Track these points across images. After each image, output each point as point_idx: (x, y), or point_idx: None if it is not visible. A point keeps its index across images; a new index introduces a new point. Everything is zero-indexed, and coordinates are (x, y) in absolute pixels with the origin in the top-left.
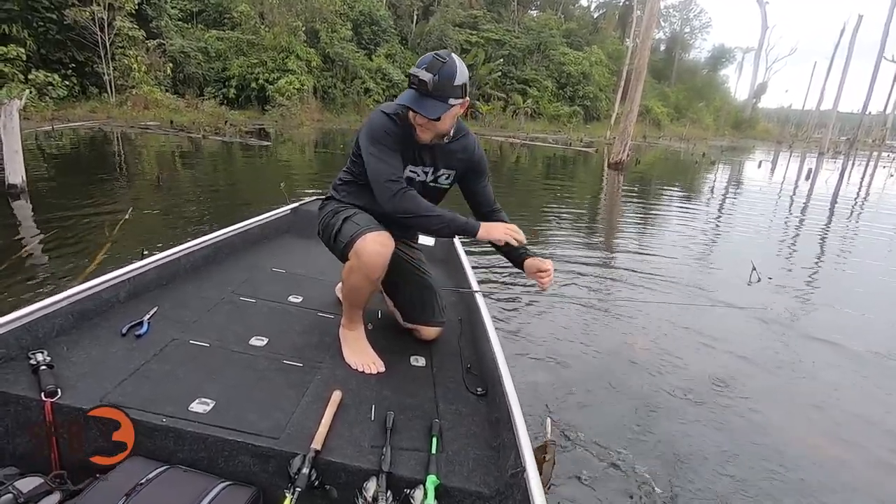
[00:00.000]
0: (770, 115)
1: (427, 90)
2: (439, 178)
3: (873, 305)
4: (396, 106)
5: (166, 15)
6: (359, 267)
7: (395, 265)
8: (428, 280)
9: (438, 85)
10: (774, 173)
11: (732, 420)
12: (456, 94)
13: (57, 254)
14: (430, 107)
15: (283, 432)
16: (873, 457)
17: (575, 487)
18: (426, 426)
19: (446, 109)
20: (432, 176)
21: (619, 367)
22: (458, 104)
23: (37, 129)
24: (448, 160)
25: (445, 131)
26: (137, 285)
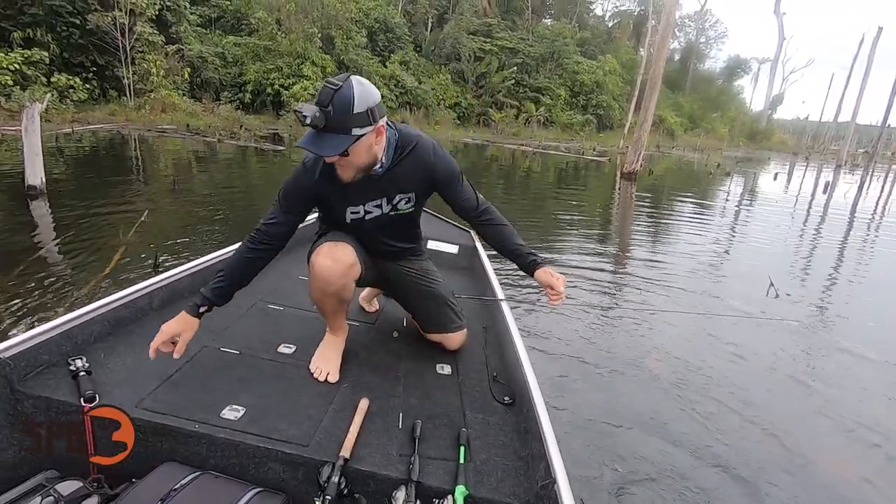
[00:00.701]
0: (786, 126)
1: (320, 126)
2: (398, 205)
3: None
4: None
5: (186, 21)
6: (312, 280)
7: (399, 280)
8: (436, 289)
9: (334, 117)
10: (790, 185)
11: (752, 436)
12: (360, 123)
13: (73, 255)
14: (327, 144)
15: (312, 440)
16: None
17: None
18: (454, 435)
19: (350, 142)
20: (388, 206)
21: (640, 378)
22: (368, 132)
23: (57, 131)
24: (399, 184)
25: (366, 163)
26: (171, 293)
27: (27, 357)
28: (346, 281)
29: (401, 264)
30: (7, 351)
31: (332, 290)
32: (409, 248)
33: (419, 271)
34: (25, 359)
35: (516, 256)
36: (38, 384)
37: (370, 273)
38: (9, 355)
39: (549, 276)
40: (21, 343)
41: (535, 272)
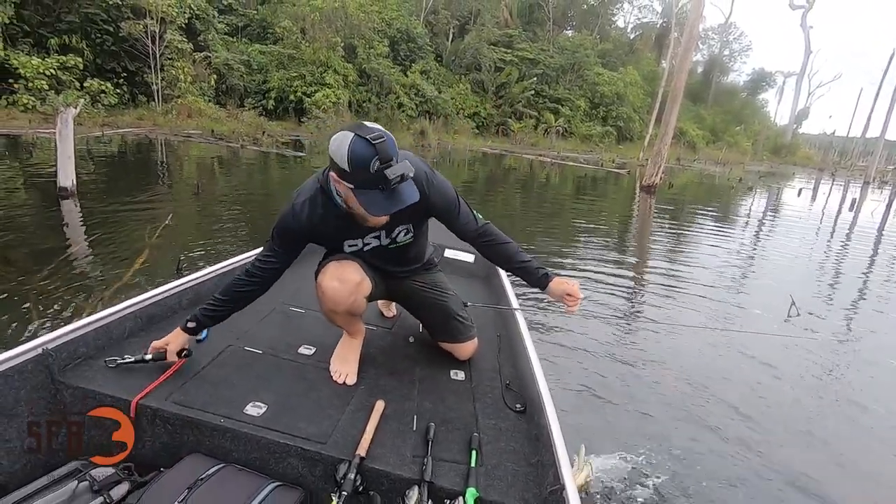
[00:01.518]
0: (812, 141)
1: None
2: (397, 238)
3: None
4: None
5: (213, 29)
6: (321, 301)
7: (408, 293)
8: (445, 302)
9: None
10: (815, 201)
11: (763, 454)
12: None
13: (100, 255)
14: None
15: (330, 438)
16: None
17: None
18: (466, 439)
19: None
20: (387, 238)
21: (654, 394)
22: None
23: (88, 135)
24: (396, 217)
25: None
26: (198, 294)
27: (67, 349)
28: (356, 299)
29: (410, 279)
30: (49, 343)
31: (343, 310)
32: (416, 267)
33: (429, 284)
34: (66, 350)
35: (525, 273)
36: (77, 375)
37: (379, 289)
38: (51, 347)
39: (563, 284)
40: (61, 336)
41: (549, 285)
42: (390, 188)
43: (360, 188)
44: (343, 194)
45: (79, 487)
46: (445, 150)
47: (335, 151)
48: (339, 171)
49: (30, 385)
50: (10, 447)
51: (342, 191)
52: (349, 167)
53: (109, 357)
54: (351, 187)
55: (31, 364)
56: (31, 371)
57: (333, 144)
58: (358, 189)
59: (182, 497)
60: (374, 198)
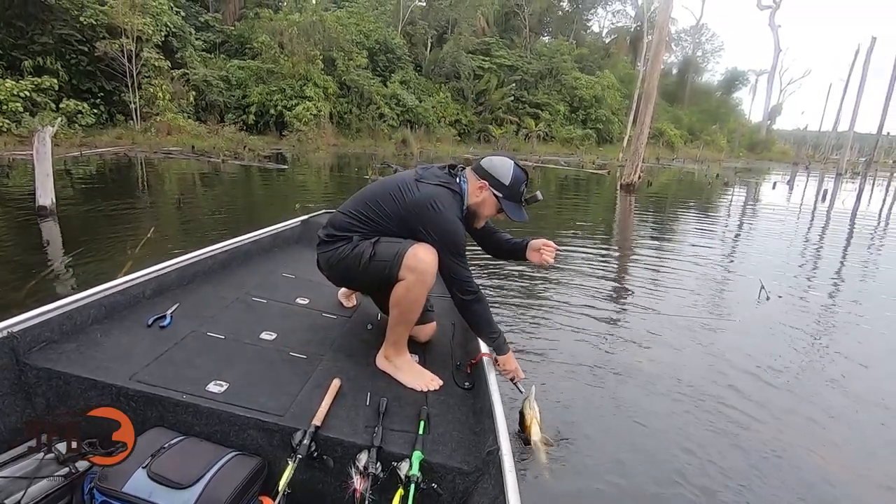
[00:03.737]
0: (786, 136)
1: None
2: None
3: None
4: (457, 204)
5: (191, 46)
6: (418, 280)
7: None
8: None
9: None
10: (792, 195)
11: (721, 434)
12: None
13: (81, 271)
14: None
15: (288, 411)
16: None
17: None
18: (415, 412)
19: None
20: None
21: (614, 374)
22: None
23: (65, 155)
24: None
25: None
26: (161, 284)
27: (32, 333)
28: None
29: None
30: (14, 326)
31: (430, 283)
32: None
33: None
34: (31, 334)
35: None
36: (41, 357)
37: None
38: (16, 330)
39: (537, 241)
40: (27, 320)
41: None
42: (523, 204)
43: (507, 199)
44: (480, 198)
45: (45, 459)
46: (428, 159)
47: (497, 169)
48: (497, 183)
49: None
50: None
51: (484, 195)
52: (509, 182)
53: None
54: (500, 196)
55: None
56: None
57: (496, 163)
58: (505, 199)
59: (145, 463)
60: (516, 208)
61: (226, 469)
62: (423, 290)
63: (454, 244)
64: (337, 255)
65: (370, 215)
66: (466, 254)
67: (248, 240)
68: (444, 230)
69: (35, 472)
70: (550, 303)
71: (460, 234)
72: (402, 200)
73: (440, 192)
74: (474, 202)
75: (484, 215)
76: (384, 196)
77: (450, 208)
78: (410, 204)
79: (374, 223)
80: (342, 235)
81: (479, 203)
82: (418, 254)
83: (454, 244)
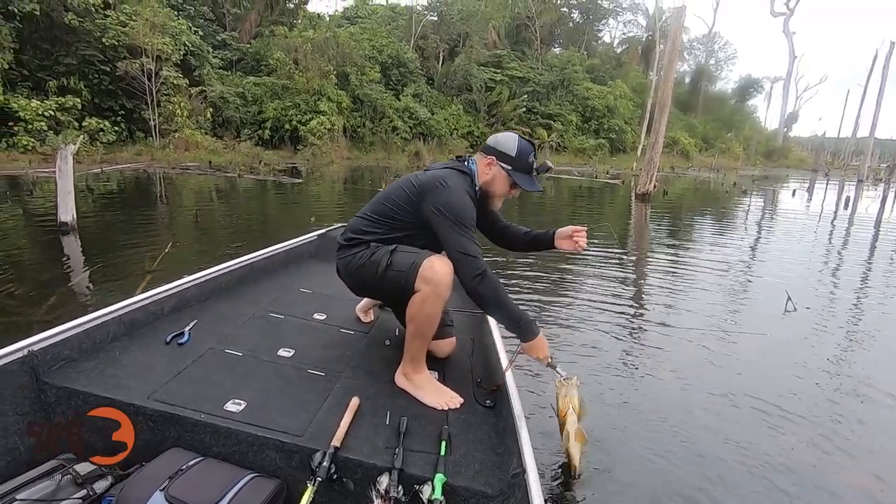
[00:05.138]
0: (803, 143)
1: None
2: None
3: None
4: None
5: (208, 64)
6: (434, 292)
7: None
8: None
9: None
10: (811, 202)
11: (738, 448)
12: None
13: (101, 286)
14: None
15: (307, 431)
16: None
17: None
18: (436, 432)
19: None
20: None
21: (638, 387)
22: None
23: (87, 172)
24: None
25: None
26: (180, 300)
27: (52, 351)
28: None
29: None
30: (35, 345)
31: (446, 296)
32: None
33: None
34: (51, 353)
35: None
36: (61, 376)
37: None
38: (36, 349)
39: (565, 229)
40: (47, 339)
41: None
42: (533, 175)
43: (517, 171)
44: (490, 174)
45: (63, 481)
46: None
47: (504, 143)
48: (504, 156)
49: (14, 385)
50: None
51: (493, 171)
52: (516, 154)
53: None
54: (509, 168)
55: (16, 365)
56: (17, 372)
57: (500, 138)
58: (514, 171)
59: (162, 486)
60: (527, 179)
61: (244, 492)
62: (439, 303)
63: (462, 215)
64: (355, 262)
65: (385, 212)
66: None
67: (266, 255)
68: (451, 202)
69: (53, 495)
70: (574, 310)
71: (468, 207)
72: (412, 188)
73: (448, 172)
74: (485, 180)
75: (498, 193)
76: (397, 190)
77: (458, 185)
78: (420, 188)
79: (389, 219)
80: (360, 239)
81: (490, 180)
82: (434, 265)
83: (462, 215)
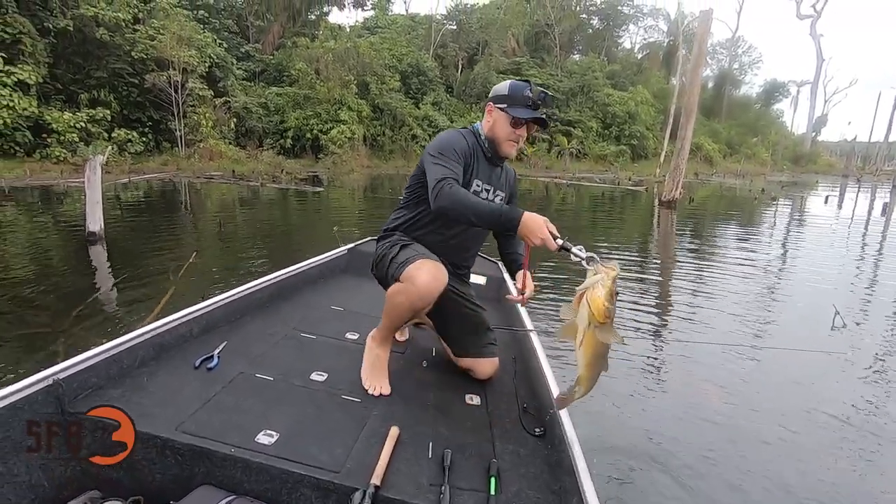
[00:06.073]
0: (832, 148)
1: (541, 103)
2: (495, 199)
3: None
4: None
5: (232, 75)
6: (406, 290)
7: (446, 299)
8: (480, 315)
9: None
10: (842, 208)
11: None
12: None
13: (127, 296)
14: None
15: (344, 466)
16: None
17: None
18: (484, 466)
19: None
20: (492, 195)
21: (690, 416)
22: None
23: (115, 181)
24: (502, 183)
25: (522, 145)
26: (209, 321)
27: (78, 379)
28: (436, 297)
29: (452, 285)
30: (60, 373)
31: (423, 306)
32: (466, 267)
33: (466, 296)
34: (77, 380)
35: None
36: (87, 405)
37: None
38: (62, 377)
39: (527, 278)
40: (72, 366)
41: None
42: (534, 106)
43: (512, 106)
44: (491, 120)
45: None
46: None
47: (498, 87)
48: (498, 98)
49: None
50: (17, 481)
51: (493, 116)
52: (509, 91)
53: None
54: (504, 107)
55: (41, 395)
56: (42, 402)
57: (496, 86)
58: (510, 107)
59: None
60: (524, 111)
61: None
62: (406, 301)
63: (442, 146)
64: (378, 254)
65: (406, 193)
66: (450, 162)
67: (295, 271)
68: (436, 141)
69: None
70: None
71: (451, 139)
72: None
73: (448, 131)
74: (488, 128)
75: (501, 136)
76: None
77: (451, 132)
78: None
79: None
80: (387, 229)
81: (492, 126)
82: (422, 268)
83: (442, 146)
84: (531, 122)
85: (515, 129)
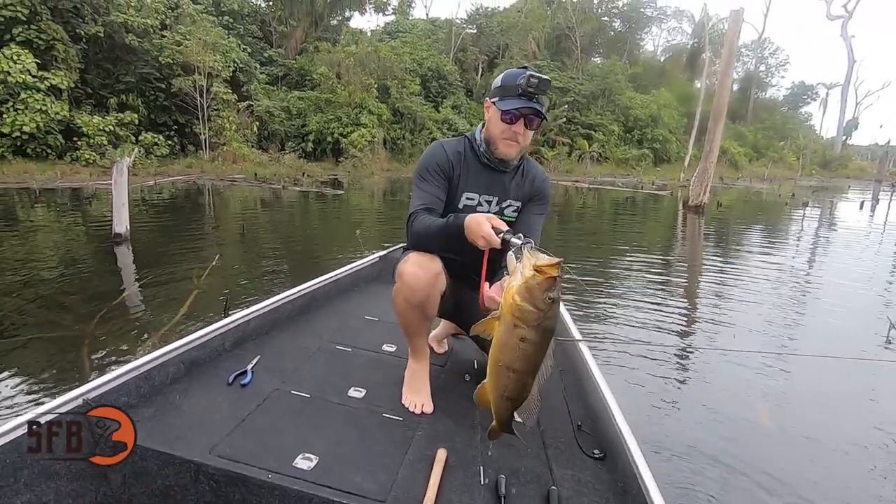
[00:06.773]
0: (863, 152)
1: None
2: (505, 210)
3: None
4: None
5: (255, 80)
6: (398, 288)
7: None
8: None
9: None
10: (875, 214)
11: None
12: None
13: (151, 299)
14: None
15: (389, 495)
16: None
17: None
18: (542, 493)
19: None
20: (496, 207)
21: (749, 436)
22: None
23: (142, 184)
24: (513, 188)
25: (524, 149)
26: (241, 334)
27: (108, 398)
28: (432, 291)
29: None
30: (88, 393)
31: (418, 300)
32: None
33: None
34: (106, 400)
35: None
36: None
37: (449, 302)
38: (91, 397)
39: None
40: (102, 385)
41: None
42: (528, 95)
43: (503, 98)
44: (488, 118)
45: None
46: None
47: (493, 82)
48: (492, 92)
49: None
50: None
51: (490, 113)
52: (501, 81)
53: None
54: (496, 99)
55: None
56: None
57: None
58: (501, 99)
59: None
60: (512, 102)
61: None
62: (401, 299)
63: (420, 164)
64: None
65: None
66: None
67: (326, 281)
68: (422, 154)
69: None
70: (625, 344)
71: (428, 157)
72: None
73: (432, 144)
74: (486, 128)
75: (495, 134)
76: None
77: (436, 143)
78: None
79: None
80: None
81: (488, 124)
82: (409, 261)
83: (420, 164)
84: (528, 114)
85: (510, 124)
